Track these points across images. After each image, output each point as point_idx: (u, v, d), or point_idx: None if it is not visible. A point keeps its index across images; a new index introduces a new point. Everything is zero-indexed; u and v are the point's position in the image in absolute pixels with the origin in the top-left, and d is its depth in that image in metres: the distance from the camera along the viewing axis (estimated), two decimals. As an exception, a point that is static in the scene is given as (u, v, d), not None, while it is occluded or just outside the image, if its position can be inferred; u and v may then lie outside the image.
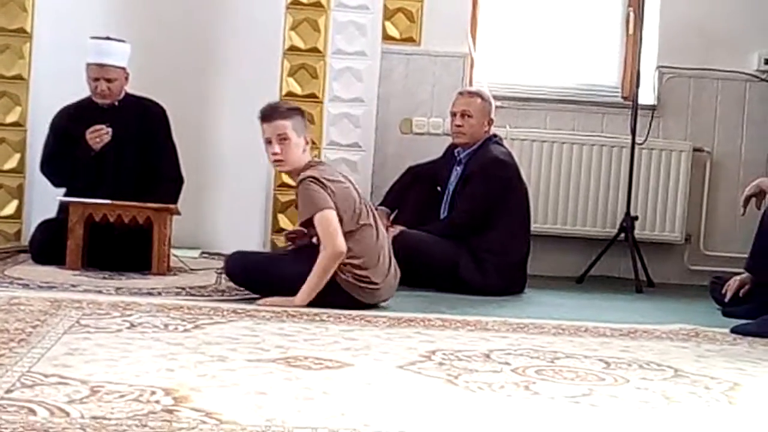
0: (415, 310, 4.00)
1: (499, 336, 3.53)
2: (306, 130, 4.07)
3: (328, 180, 3.94)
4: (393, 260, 4.14)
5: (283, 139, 3.97)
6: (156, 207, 4.64)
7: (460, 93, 5.10)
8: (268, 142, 4.01)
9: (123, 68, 4.88)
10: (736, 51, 5.85)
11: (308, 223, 3.95)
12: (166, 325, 3.30)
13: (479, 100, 5.01)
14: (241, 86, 5.53)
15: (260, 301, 3.84)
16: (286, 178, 5.42)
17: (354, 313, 3.78)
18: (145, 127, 4.92)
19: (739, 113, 5.91)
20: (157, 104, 4.97)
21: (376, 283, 3.99)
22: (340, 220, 3.91)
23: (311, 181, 3.91)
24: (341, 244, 3.87)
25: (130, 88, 4.96)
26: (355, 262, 3.94)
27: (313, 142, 4.62)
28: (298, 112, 4.07)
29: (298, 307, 3.79)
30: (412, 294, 4.60)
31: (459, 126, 4.98)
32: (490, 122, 5.02)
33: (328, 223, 3.87)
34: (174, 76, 5.52)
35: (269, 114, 4.01)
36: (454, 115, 5.02)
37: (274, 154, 3.99)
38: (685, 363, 3.21)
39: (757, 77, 5.88)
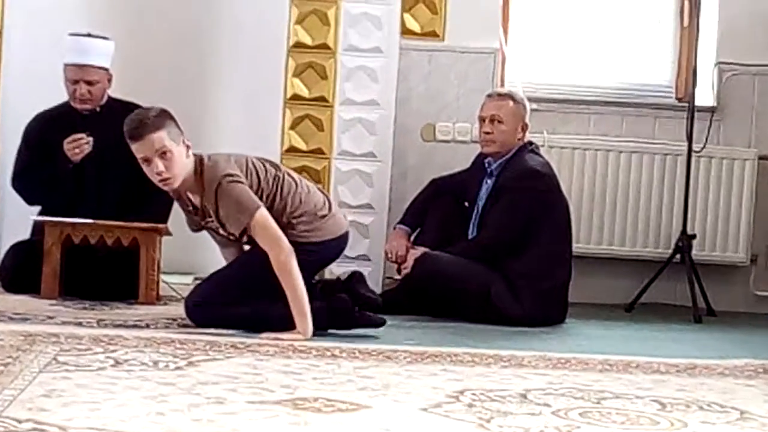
0: (441, 344, 3.99)
1: (537, 373, 3.52)
2: (181, 133, 4.04)
3: (236, 168, 4.02)
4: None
5: (163, 153, 3.96)
6: (143, 227, 4.65)
7: (489, 95, 5.11)
8: (146, 161, 3.98)
9: (106, 69, 4.90)
10: (805, 44, 5.85)
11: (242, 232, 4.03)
12: (155, 362, 3.30)
13: (511, 103, 5.02)
14: (240, 90, 5.55)
15: (264, 335, 3.86)
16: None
17: (371, 347, 3.78)
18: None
19: (810, 115, 5.90)
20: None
21: (325, 215, 4.15)
22: (264, 196, 4.04)
23: (230, 182, 3.97)
24: (286, 242, 3.95)
25: (114, 92, 4.98)
26: (303, 220, 4.10)
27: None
28: (166, 115, 4.03)
29: (307, 338, 3.82)
30: (437, 325, 4.60)
31: (488, 133, 4.98)
32: (525, 128, 5.03)
33: (267, 224, 3.97)
34: (163, 79, 5.54)
35: (137, 131, 3.97)
36: (482, 120, 5.02)
37: (159, 173, 3.97)
38: (752, 404, 3.19)
39: (831, 74, 5.87)
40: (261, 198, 4.03)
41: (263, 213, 3.97)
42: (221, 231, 4.12)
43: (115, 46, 4.95)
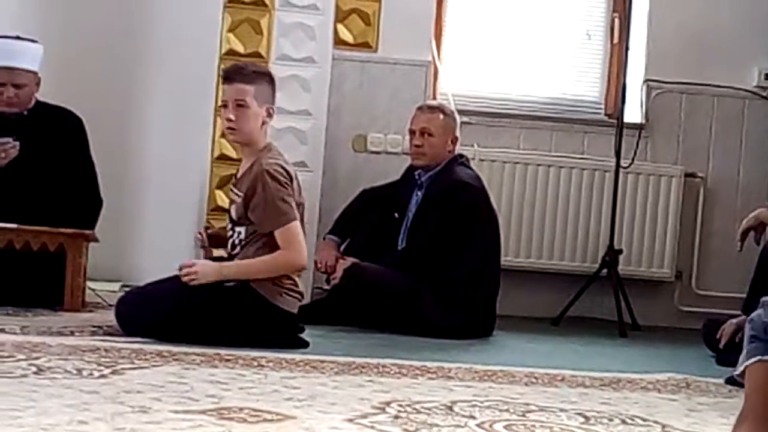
0: (368, 355, 3.99)
1: (464, 385, 3.53)
2: (272, 101, 4.15)
3: (290, 175, 4.04)
4: None
5: (240, 105, 4.06)
6: (70, 233, 4.60)
7: (420, 108, 5.13)
8: (224, 105, 4.12)
9: (34, 72, 4.84)
10: (733, 64, 5.94)
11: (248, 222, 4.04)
12: (79, 370, 3.26)
13: (441, 116, 5.04)
14: (169, 96, 5.52)
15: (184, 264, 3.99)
16: (221, 201, 5.40)
17: (297, 357, 3.77)
18: (59, 140, 4.87)
19: (737, 134, 5.99)
20: (73, 114, 4.94)
21: (299, 292, 4.11)
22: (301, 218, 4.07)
23: (280, 181, 3.97)
24: (305, 258, 4.01)
25: (42, 96, 4.92)
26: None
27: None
28: (266, 77, 4.16)
29: (216, 277, 3.94)
30: (365, 336, 4.59)
31: (418, 146, 5.00)
32: (455, 141, 5.05)
33: (295, 237, 4.00)
34: (92, 84, 5.49)
35: (231, 75, 4.12)
36: (412, 133, 5.04)
37: (228, 120, 4.08)
38: (674, 418, 3.23)
39: (757, 94, 5.96)
40: None
41: (297, 226, 4.02)
42: (233, 211, 4.14)
43: (44, 50, 4.89)
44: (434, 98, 5.71)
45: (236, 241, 4.12)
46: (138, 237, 5.63)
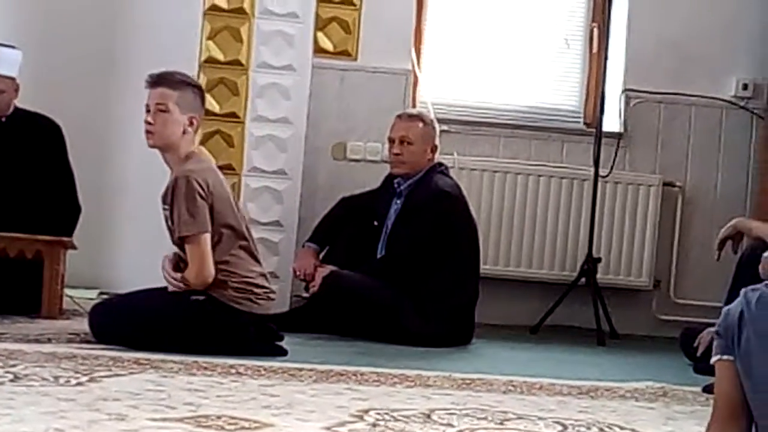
0: (347, 363, 3.99)
1: (442, 393, 3.53)
2: (197, 111, 4.16)
3: (207, 184, 4.03)
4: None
5: (160, 110, 4.08)
6: (47, 239, 4.59)
7: (399, 116, 5.13)
8: (147, 109, 4.13)
9: (13, 78, 4.83)
10: (712, 74, 5.96)
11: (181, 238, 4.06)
12: (56, 378, 3.25)
13: (420, 124, 5.04)
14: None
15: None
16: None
17: (276, 365, 3.76)
18: (37, 147, 4.86)
19: (715, 144, 6.00)
20: (51, 121, 4.93)
21: (265, 287, 4.12)
22: (229, 228, 4.06)
23: (191, 192, 3.97)
24: (211, 272, 4.00)
25: (20, 103, 4.91)
26: (241, 271, 4.06)
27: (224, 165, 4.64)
28: (192, 87, 4.19)
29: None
30: (343, 344, 4.59)
31: (397, 154, 5.01)
32: (434, 149, 5.05)
33: (204, 249, 4.00)
34: (71, 90, 5.47)
35: (156, 79, 4.15)
36: (392, 141, 5.05)
37: (146, 122, 4.10)
38: (652, 426, 3.24)
39: (735, 104, 5.98)
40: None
41: (207, 238, 4.01)
42: (167, 221, 4.16)
43: (22, 56, 4.88)
44: (414, 106, 5.70)
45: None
46: (116, 244, 5.61)
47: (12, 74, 4.82)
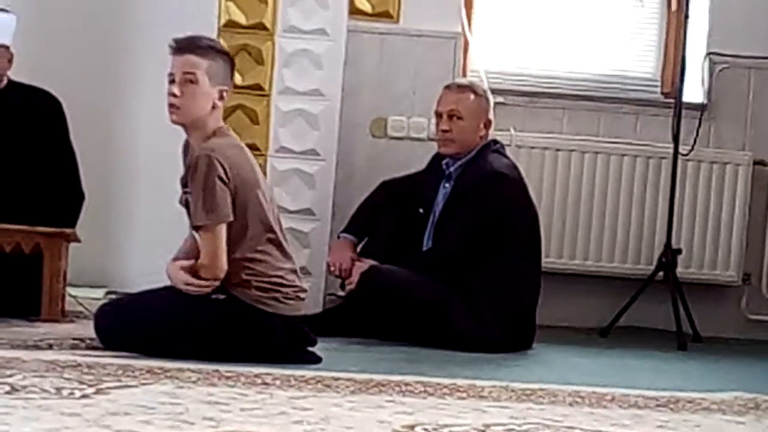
0: (389, 371, 4.00)
1: (499, 406, 3.54)
2: (227, 83, 4.14)
3: (231, 164, 4.01)
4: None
5: (189, 80, 4.06)
6: (47, 231, 4.62)
7: (447, 87, 5.13)
8: (171, 80, 4.10)
9: (6, 47, 4.86)
10: (811, 34, 5.93)
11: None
12: (58, 389, 3.28)
13: (472, 96, 5.04)
14: (161, 78, 5.50)
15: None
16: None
17: (308, 374, 3.78)
18: (35, 125, 4.90)
19: (814, 116, 5.97)
20: (51, 96, 4.96)
21: (296, 285, 4.12)
22: (255, 219, 4.05)
23: (216, 172, 3.96)
24: (224, 265, 4.00)
25: (15, 75, 4.95)
26: (263, 278, 4.05)
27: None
28: (223, 55, 4.17)
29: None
30: (386, 349, 4.60)
31: (446, 131, 5.01)
32: (488, 125, 5.05)
33: (218, 240, 4.00)
34: (72, 61, 5.51)
35: (182, 45, 4.11)
36: (439, 116, 5.05)
37: (173, 95, 4.07)
38: (741, 443, 3.23)
39: (838, 69, 5.95)
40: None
41: (224, 229, 4.00)
42: (186, 204, 4.18)
43: (16, 21, 4.91)
44: (464, 76, 5.71)
45: None
46: (125, 237, 5.65)
47: (6, 41, 4.85)
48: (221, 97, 4.11)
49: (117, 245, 5.63)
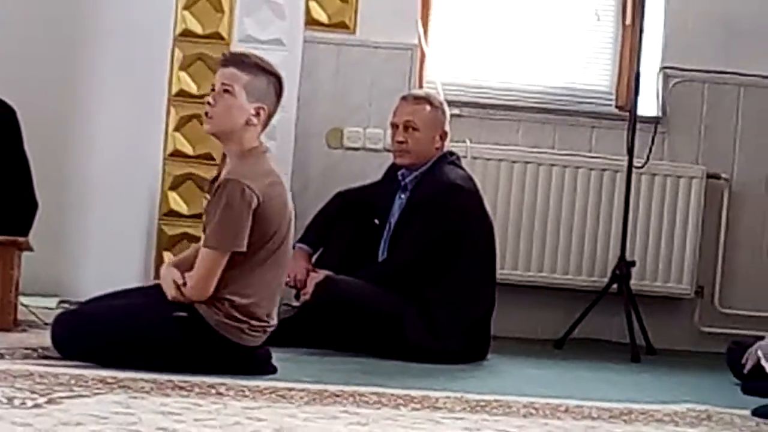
0: (344, 382, 3.99)
1: (453, 417, 3.54)
2: (269, 102, 4.08)
3: (261, 199, 3.96)
4: None
5: (226, 91, 4.04)
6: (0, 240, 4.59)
7: (404, 98, 5.13)
8: (212, 89, 4.11)
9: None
10: (763, 50, 5.96)
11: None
12: (10, 399, 3.25)
13: (428, 107, 5.04)
14: (116, 83, 5.51)
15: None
16: (175, 205, 5.40)
17: (262, 385, 3.77)
18: (-12, 133, 4.87)
19: (766, 130, 6.00)
20: (4, 104, 4.93)
21: (268, 323, 4.07)
22: (262, 242, 3.99)
23: (243, 205, 3.92)
24: (210, 290, 3.97)
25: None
26: (243, 300, 3.99)
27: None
28: (269, 75, 4.11)
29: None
30: (340, 359, 4.59)
31: (401, 142, 5.01)
32: (444, 136, 5.05)
33: (215, 266, 3.96)
34: (25, 68, 5.47)
35: (228, 59, 4.15)
36: (395, 127, 5.05)
37: (207, 103, 4.07)
38: (693, 455, 3.24)
39: (790, 84, 5.99)
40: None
41: (224, 258, 3.96)
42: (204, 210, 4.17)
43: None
44: (420, 87, 5.72)
45: None
46: (79, 245, 5.61)
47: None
48: (258, 114, 4.05)
49: (70, 254, 5.59)
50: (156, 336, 3.96)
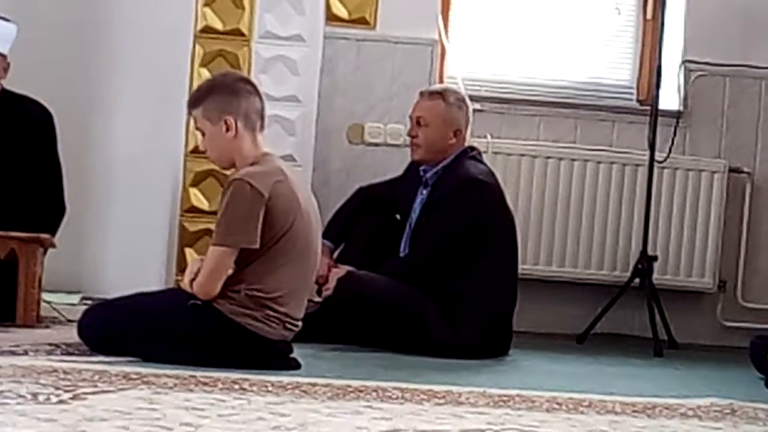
0: (367, 377, 3.99)
1: (476, 412, 3.54)
2: (230, 110, 4.07)
3: (268, 193, 3.98)
4: None
5: (203, 133, 4.15)
6: (23, 237, 4.59)
7: (420, 93, 5.14)
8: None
9: (4, 56, 4.83)
10: (786, 42, 5.95)
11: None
12: (34, 395, 3.26)
13: (442, 104, 5.02)
14: (138, 82, 5.53)
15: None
16: (196, 201, 5.41)
17: (285, 380, 3.77)
18: (24, 135, 4.84)
19: (789, 124, 6.00)
20: (42, 107, 4.89)
21: (284, 314, 4.07)
22: (274, 239, 4.00)
23: (248, 200, 3.95)
24: (217, 288, 4.00)
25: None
26: (261, 294, 4.02)
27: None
28: (211, 89, 4.15)
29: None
30: (362, 355, 4.60)
31: (413, 136, 5.02)
32: (458, 133, 5.02)
33: (220, 263, 4.00)
34: (49, 69, 5.48)
35: (189, 102, 4.25)
36: (411, 121, 5.06)
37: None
38: (717, 449, 3.24)
39: (812, 77, 5.98)
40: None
41: (231, 254, 4.00)
42: None
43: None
44: (440, 82, 5.71)
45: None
46: (101, 242, 5.63)
47: (2, 51, 4.81)
48: (228, 127, 4.07)
49: (92, 251, 5.61)
50: (175, 324, 3.99)
